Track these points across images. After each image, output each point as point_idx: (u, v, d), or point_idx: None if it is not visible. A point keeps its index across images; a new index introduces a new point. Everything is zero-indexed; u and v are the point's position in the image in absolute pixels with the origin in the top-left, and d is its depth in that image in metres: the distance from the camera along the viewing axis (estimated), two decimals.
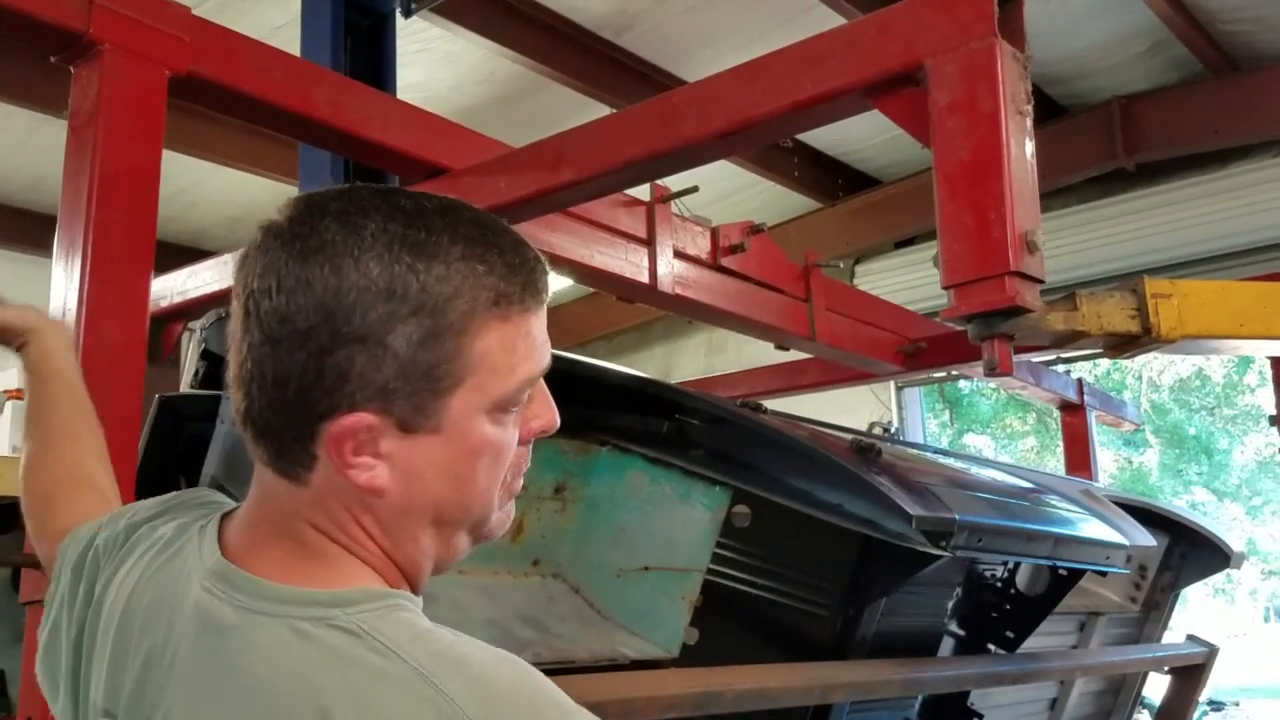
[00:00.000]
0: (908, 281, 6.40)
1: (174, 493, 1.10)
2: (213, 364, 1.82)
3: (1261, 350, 1.69)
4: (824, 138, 6.24)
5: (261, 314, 0.81)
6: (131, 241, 1.54)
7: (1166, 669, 3.37)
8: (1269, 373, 3.87)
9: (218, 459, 1.78)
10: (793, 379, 4.09)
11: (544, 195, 1.79)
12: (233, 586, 0.85)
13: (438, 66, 5.06)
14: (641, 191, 2.53)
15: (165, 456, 1.80)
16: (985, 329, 1.38)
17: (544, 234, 2.19)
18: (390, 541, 0.86)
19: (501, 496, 0.90)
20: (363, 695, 0.76)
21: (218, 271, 2.47)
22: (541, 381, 0.90)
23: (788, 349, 3.36)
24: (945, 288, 1.37)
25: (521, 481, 0.93)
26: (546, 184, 1.76)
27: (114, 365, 1.48)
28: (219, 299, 2.30)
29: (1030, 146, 1.36)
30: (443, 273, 0.81)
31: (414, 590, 0.89)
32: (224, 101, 1.78)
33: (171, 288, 2.55)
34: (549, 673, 0.84)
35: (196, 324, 1.92)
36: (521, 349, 0.85)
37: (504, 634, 1.86)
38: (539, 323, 0.88)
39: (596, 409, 2.21)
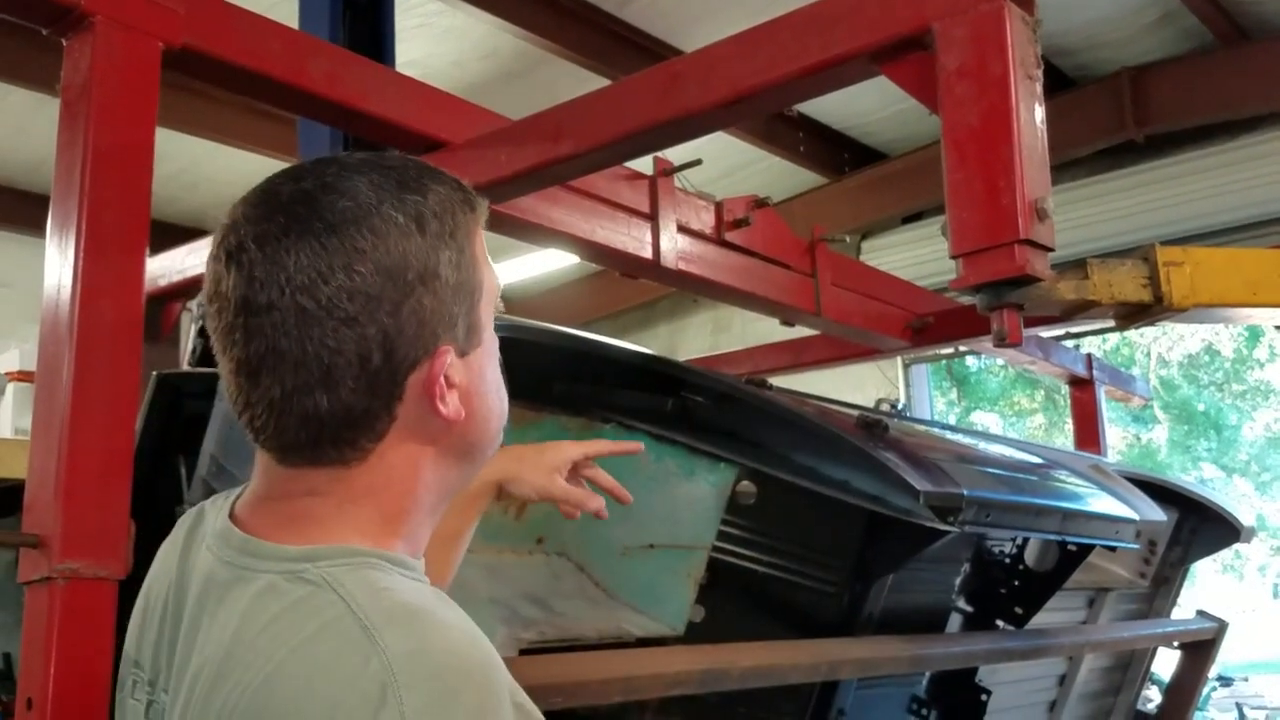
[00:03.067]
0: (915, 257, 6.36)
1: None
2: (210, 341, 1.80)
3: (1274, 319, 1.66)
4: (830, 111, 6.19)
5: (324, 302, 0.82)
6: (126, 217, 1.52)
7: (1176, 644, 3.35)
8: (1279, 347, 3.84)
9: (216, 437, 1.77)
10: (799, 356, 4.06)
11: (545, 168, 1.76)
12: (228, 545, 0.88)
13: (438, 42, 5.02)
14: (644, 166, 2.50)
15: (164, 435, 1.79)
16: (994, 298, 1.35)
17: (546, 208, 2.16)
18: (433, 479, 0.90)
19: None
20: (310, 643, 0.77)
21: None
22: None
23: (793, 325, 3.33)
24: (954, 257, 1.35)
25: None
26: (547, 156, 1.73)
27: (111, 343, 1.46)
28: None
29: (1040, 112, 1.32)
30: (439, 199, 0.88)
31: (433, 523, 0.93)
32: (219, 75, 1.75)
33: (170, 266, 2.53)
34: (555, 651, 0.83)
35: (194, 302, 1.90)
36: (486, 250, 0.93)
37: (509, 612, 1.84)
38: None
39: (600, 386, 2.19)
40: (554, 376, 2.08)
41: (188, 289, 2.46)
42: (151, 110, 1.57)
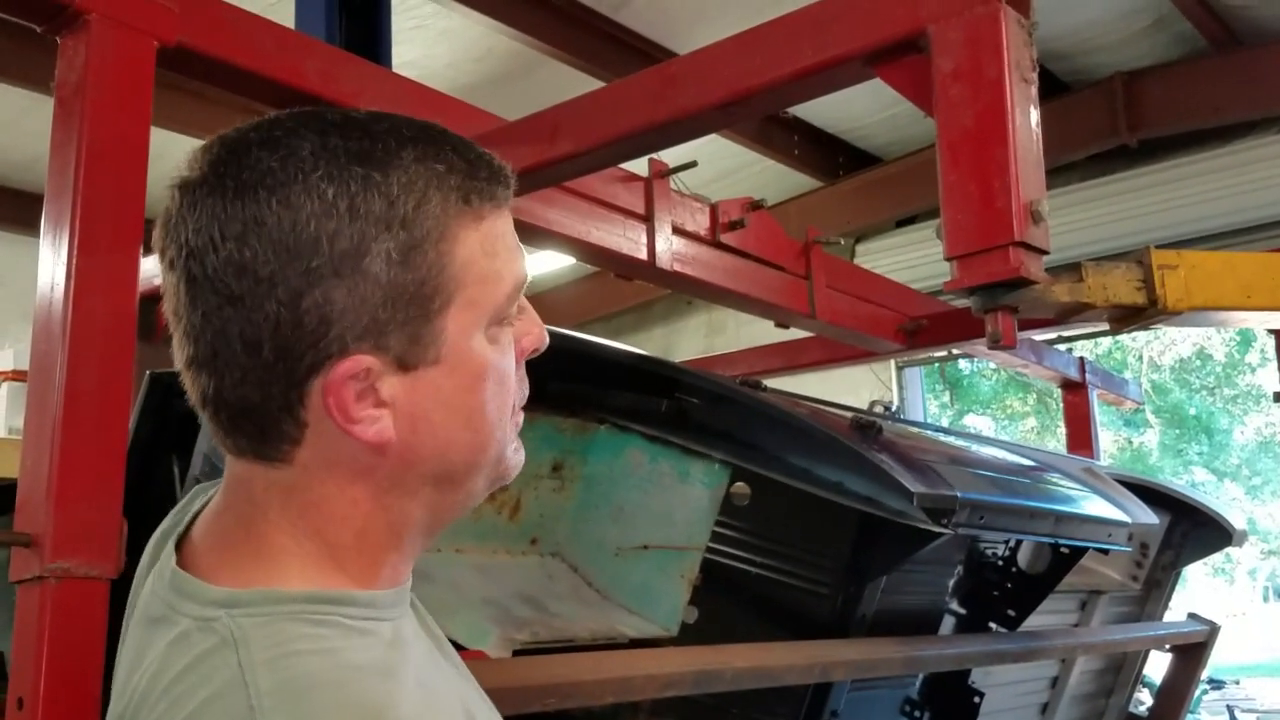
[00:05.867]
0: (909, 260, 6.37)
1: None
2: None
3: (1268, 322, 1.67)
4: (824, 115, 6.20)
5: (210, 273, 0.71)
6: (120, 215, 1.51)
7: (1168, 647, 3.36)
8: (1271, 351, 3.85)
9: (210, 436, 1.76)
10: (793, 358, 4.07)
11: (541, 169, 1.76)
12: (163, 579, 0.79)
13: (434, 44, 5.01)
14: (640, 167, 2.51)
15: (156, 434, 1.78)
16: (989, 301, 1.35)
17: (541, 210, 2.16)
18: (379, 511, 0.77)
19: (511, 431, 0.82)
20: (195, 714, 0.68)
21: None
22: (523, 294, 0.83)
23: (788, 327, 3.33)
24: (948, 259, 1.35)
25: (523, 415, 0.84)
26: (543, 157, 1.73)
27: (103, 342, 1.45)
28: None
29: (1035, 115, 1.33)
30: (403, 179, 0.72)
31: (398, 556, 0.80)
32: (214, 73, 1.75)
33: None
34: (549, 651, 0.80)
35: None
36: (502, 250, 0.78)
37: (502, 613, 1.84)
38: (510, 222, 0.80)
39: (594, 387, 2.19)
40: (547, 376, 2.08)
41: None
42: (146, 108, 1.57)
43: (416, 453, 0.76)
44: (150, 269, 2.53)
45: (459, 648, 1.68)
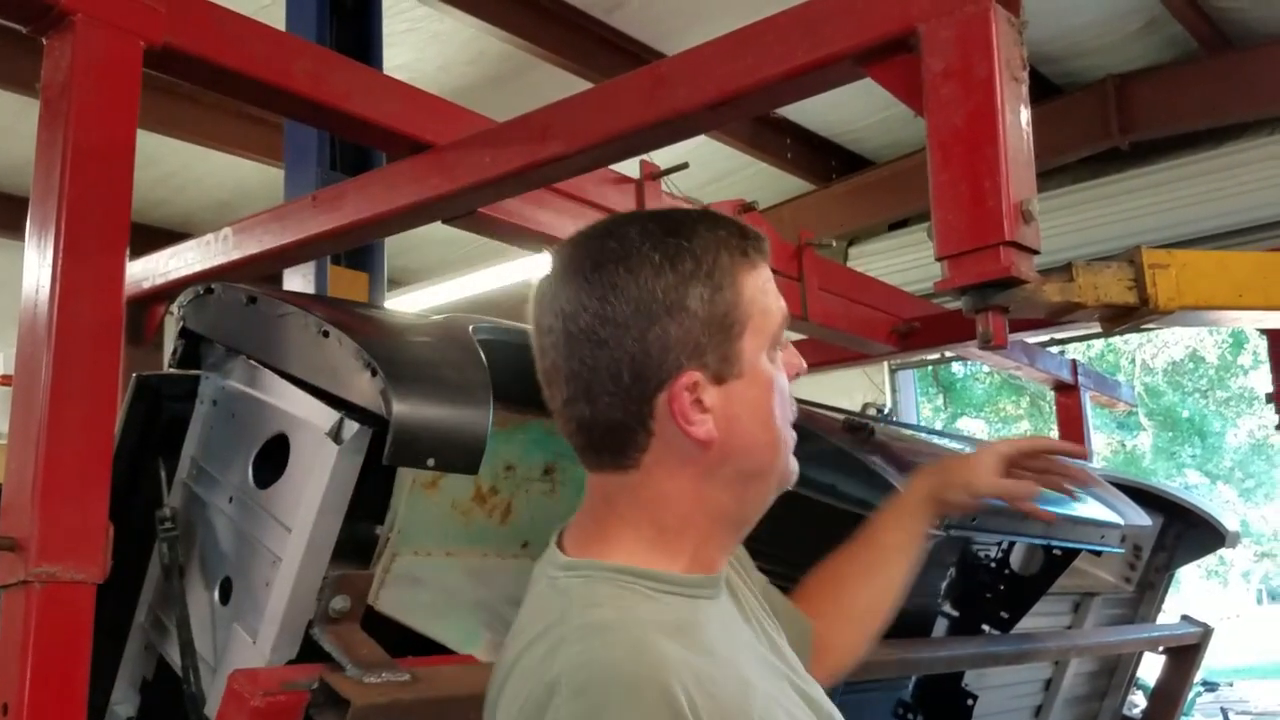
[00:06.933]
0: (901, 264, 6.37)
1: None
2: (191, 342, 1.78)
3: (1260, 322, 1.66)
4: (817, 119, 6.20)
5: (583, 326, 0.99)
6: (106, 217, 1.50)
7: (1161, 649, 3.35)
8: (1264, 353, 3.86)
9: (197, 439, 1.75)
10: None
11: (531, 169, 1.74)
12: (543, 557, 1.09)
13: (425, 46, 5.01)
14: (632, 170, 2.50)
15: (143, 437, 1.77)
16: (980, 301, 1.34)
17: (532, 211, 2.15)
18: (699, 499, 1.02)
19: (791, 439, 1.07)
20: (534, 641, 0.95)
21: (200, 252, 2.43)
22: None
23: None
24: (939, 258, 1.34)
25: (792, 431, 1.08)
26: (533, 158, 1.72)
27: (90, 345, 1.44)
28: (203, 279, 2.26)
29: (1025, 114, 1.32)
30: (702, 243, 1.00)
31: (711, 543, 1.04)
32: (201, 74, 1.74)
33: (153, 269, 2.51)
34: None
35: (176, 304, 1.88)
36: (770, 291, 1.06)
37: (493, 616, 1.83)
38: (770, 271, 1.07)
39: None
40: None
41: (171, 292, 2.44)
42: (133, 109, 1.55)
43: (731, 447, 1.01)
44: (138, 272, 2.54)
45: (447, 652, 1.68)
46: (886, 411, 5.38)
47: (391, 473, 1.59)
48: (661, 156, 2.62)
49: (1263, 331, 3.33)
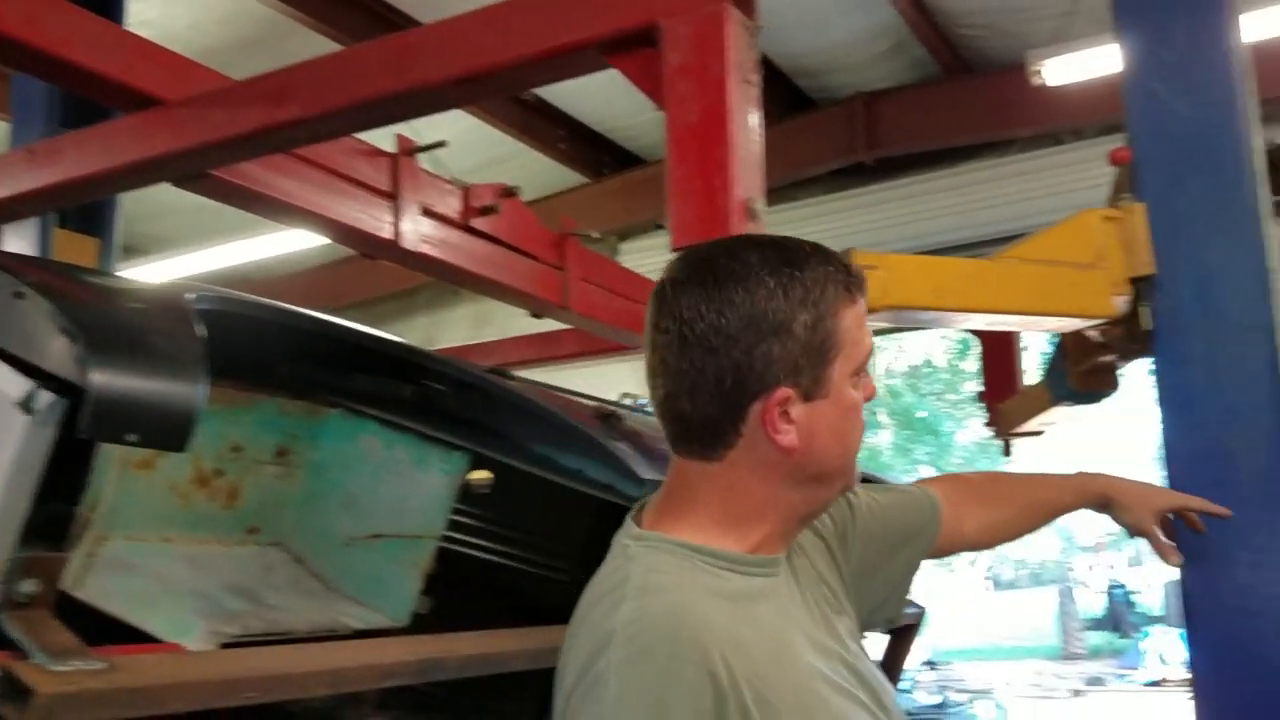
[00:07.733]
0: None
1: None
2: None
3: (962, 322, 1.82)
4: (590, 113, 6.25)
5: (698, 333, 1.08)
6: None
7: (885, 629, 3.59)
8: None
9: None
10: (548, 349, 4.07)
11: (266, 132, 1.66)
12: (623, 528, 1.19)
13: (174, 2, 4.68)
14: (388, 144, 2.43)
15: None
16: None
17: (273, 178, 2.04)
18: (774, 496, 1.14)
19: (856, 454, 1.19)
20: (604, 596, 1.08)
21: None
22: None
23: (541, 317, 3.33)
24: (674, 250, 1.38)
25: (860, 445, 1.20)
26: (269, 120, 1.64)
27: None
28: None
29: (756, 116, 1.38)
30: (812, 275, 1.10)
31: (777, 531, 1.16)
32: None
33: None
34: (259, 644, 0.81)
35: None
36: (863, 325, 1.15)
37: (211, 605, 1.73)
38: (865, 308, 1.16)
39: (327, 369, 2.10)
40: (275, 357, 1.98)
41: None
42: None
43: (808, 456, 1.12)
44: None
45: (154, 642, 1.57)
46: (641, 402, 5.49)
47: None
48: (432, 135, 2.56)
49: (969, 331, 3.61)
